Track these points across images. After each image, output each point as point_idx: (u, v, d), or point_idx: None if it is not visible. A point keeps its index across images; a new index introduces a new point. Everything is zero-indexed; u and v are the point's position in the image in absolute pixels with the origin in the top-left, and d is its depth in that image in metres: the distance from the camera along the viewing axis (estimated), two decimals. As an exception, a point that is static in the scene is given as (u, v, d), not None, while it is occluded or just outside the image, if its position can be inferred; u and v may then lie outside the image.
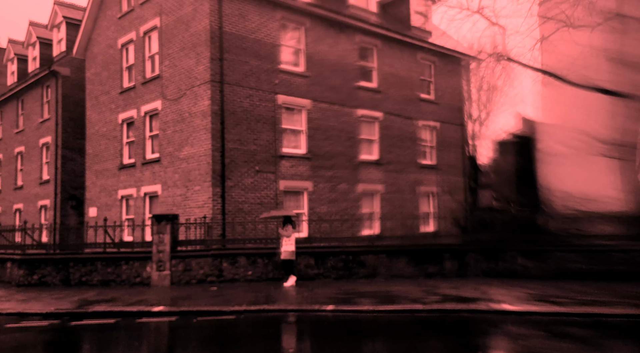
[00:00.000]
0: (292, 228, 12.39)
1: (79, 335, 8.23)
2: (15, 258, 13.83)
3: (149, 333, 8.27)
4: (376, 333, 7.89)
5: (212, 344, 7.66)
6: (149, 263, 13.08)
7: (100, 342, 7.96)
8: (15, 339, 7.93)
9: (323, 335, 7.78)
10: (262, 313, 9.14)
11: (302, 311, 9.12)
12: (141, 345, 7.70)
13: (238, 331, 8.23)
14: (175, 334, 8.18)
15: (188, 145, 15.35)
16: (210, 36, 14.61)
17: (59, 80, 22.10)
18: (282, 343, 7.56)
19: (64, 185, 22.07)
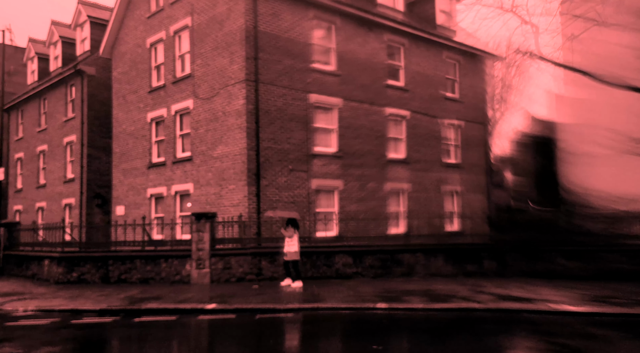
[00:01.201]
0: (294, 230, 12.38)
1: (155, 331, 8.22)
2: (54, 256, 13.94)
3: (224, 330, 8.23)
4: (448, 331, 7.77)
5: (298, 340, 7.67)
6: (189, 261, 13.16)
7: (184, 338, 7.92)
8: (96, 334, 8.02)
9: (397, 333, 7.69)
10: (317, 311, 9.17)
11: (356, 309, 9.15)
12: (233, 341, 7.64)
13: (309, 328, 8.18)
14: (250, 330, 8.11)
15: (222, 144, 15.41)
16: (246, 35, 14.66)
17: (85, 79, 22.20)
18: (365, 341, 7.35)
19: (90, 183, 22.18)
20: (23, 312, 9.88)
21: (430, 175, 20.26)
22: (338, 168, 17.00)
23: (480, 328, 7.86)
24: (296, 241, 12.30)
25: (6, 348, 6.90)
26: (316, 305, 9.50)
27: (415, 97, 19.74)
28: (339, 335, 7.82)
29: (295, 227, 12.41)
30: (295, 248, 12.27)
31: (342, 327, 8.20)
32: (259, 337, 7.70)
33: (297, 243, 12.29)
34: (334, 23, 17.01)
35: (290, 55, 15.67)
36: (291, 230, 12.35)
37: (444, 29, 21.44)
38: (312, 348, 6.96)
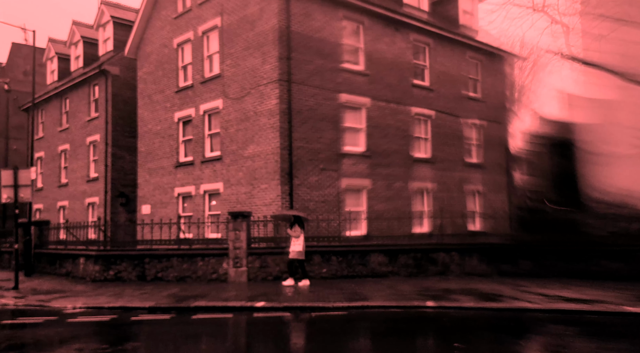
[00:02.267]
0: (300, 229, 12.45)
1: (224, 329, 8.29)
2: (90, 254, 14.09)
3: (291, 327, 8.28)
4: (519, 332, 7.61)
5: (373, 339, 7.64)
6: (225, 259, 13.27)
7: (263, 335, 7.89)
8: (165, 331, 8.12)
9: (470, 332, 7.61)
10: (365, 309, 9.25)
11: (405, 307, 9.22)
12: (314, 339, 7.63)
13: (374, 326, 8.18)
14: (317, 328, 8.14)
15: (253, 144, 15.51)
16: (279, 35, 14.75)
17: (109, 79, 22.35)
18: (439, 340, 7.36)
19: (114, 182, 22.34)
20: (72, 309, 10.00)
21: (453, 175, 20.31)
22: (366, 167, 17.09)
23: (552, 330, 7.59)
24: (302, 240, 12.37)
25: (91, 344, 7.03)
26: (363, 303, 9.58)
27: (440, 96, 19.80)
28: (409, 334, 7.67)
29: (301, 226, 12.50)
30: (300, 247, 12.33)
31: (405, 326, 8.13)
32: (330, 335, 7.63)
33: (302, 242, 12.36)
34: (362, 23, 17.09)
35: (321, 55, 15.76)
36: (298, 229, 12.45)
37: (466, 28, 21.49)
38: (396, 347, 6.81)
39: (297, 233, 12.43)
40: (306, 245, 13.72)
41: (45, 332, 8.00)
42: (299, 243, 12.37)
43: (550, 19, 15.32)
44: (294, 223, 12.52)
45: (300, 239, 12.38)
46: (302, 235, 12.41)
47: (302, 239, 12.38)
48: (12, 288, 12.61)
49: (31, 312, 9.79)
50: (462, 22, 21.53)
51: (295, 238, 12.42)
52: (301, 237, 12.39)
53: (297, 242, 12.39)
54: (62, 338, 7.53)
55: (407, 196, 18.41)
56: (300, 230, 12.44)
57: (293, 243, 12.42)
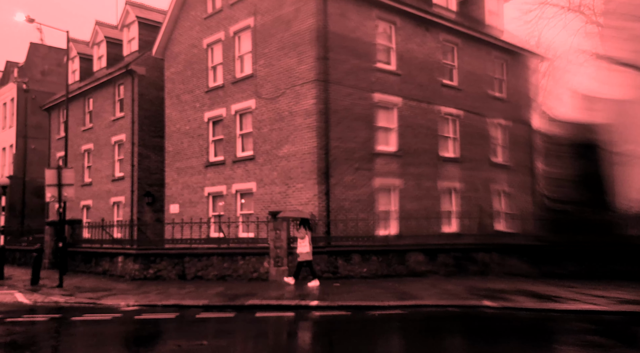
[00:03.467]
0: (306, 230, 12.56)
1: (295, 326, 8.35)
2: (130, 253, 14.20)
3: (364, 326, 8.22)
4: (614, 334, 7.44)
5: (451, 337, 7.61)
6: (266, 259, 13.35)
7: (340, 333, 7.89)
8: (241, 328, 8.21)
9: (560, 334, 7.39)
10: (420, 308, 9.28)
11: (462, 307, 9.24)
12: (397, 337, 7.55)
13: (446, 326, 8.18)
14: (390, 327, 8.11)
15: (288, 144, 15.58)
16: (316, 35, 14.81)
17: (135, 79, 22.48)
18: (531, 343, 7.22)
19: (140, 182, 22.47)
20: (126, 306, 10.09)
21: (480, 175, 20.32)
22: (397, 167, 17.13)
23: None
24: (307, 242, 12.45)
25: (182, 340, 7.13)
26: (416, 302, 9.63)
27: (468, 96, 19.82)
28: (489, 334, 7.51)
29: (307, 228, 12.60)
30: (306, 249, 12.43)
31: (478, 325, 8.01)
32: (406, 333, 7.56)
33: (308, 244, 12.44)
34: (394, 23, 17.13)
35: (356, 55, 15.82)
36: (303, 231, 12.56)
37: (492, 28, 21.50)
38: (491, 348, 6.73)
39: (302, 234, 12.56)
40: (345, 245, 13.83)
41: (124, 328, 8.14)
42: (305, 245, 12.50)
43: (586, 18, 15.31)
44: (301, 225, 12.68)
45: (306, 240, 12.49)
46: (307, 236, 12.53)
47: (307, 240, 12.49)
48: (57, 286, 12.72)
49: (87, 309, 9.88)
50: (487, 22, 21.55)
51: (300, 239, 12.56)
52: (306, 238, 12.51)
53: (303, 243, 12.52)
54: (149, 334, 7.69)
55: (436, 195, 18.44)
56: (306, 231, 12.57)
57: (299, 244, 12.55)
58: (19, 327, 8.27)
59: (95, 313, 9.22)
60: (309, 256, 12.46)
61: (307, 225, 12.65)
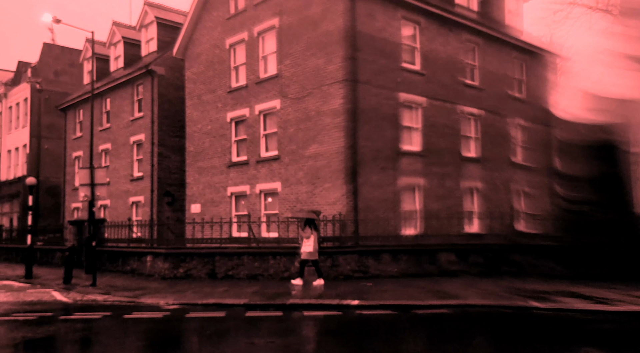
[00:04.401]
0: (311, 230, 12.61)
1: (355, 325, 8.32)
2: (160, 252, 14.26)
3: (417, 326, 8.20)
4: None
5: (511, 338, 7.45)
6: (297, 258, 13.36)
7: (398, 332, 7.84)
8: (304, 326, 8.28)
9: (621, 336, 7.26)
10: (469, 308, 9.21)
11: (510, 308, 9.11)
12: (467, 336, 7.54)
13: (502, 326, 8.07)
14: (449, 326, 8.08)
15: (315, 143, 15.61)
16: (344, 35, 14.86)
17: (155, 79, 22.55)
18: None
19: (160, 181, 22.54)
20: (166, 305, 10.12)
21: (501, 175, 20.33)
22: (421, 166, 17.16)
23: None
24: (312, 241, 12.49)
25: (253, 338, 7.12)
26: (459, 301, 9.62)
27: (489, 96, 19.84)
28: (559, 337, 7.33)
29: (313, 227, 12.66)
30: (310, 248, 12.47)
31: (540, 326, 7.83)
32: (472, 332, 7.49)
33: (313, 243, 12.47)
34: (419, 23, 17.17)
35: (383, 55, 15.86)
36: (308, 230, 12.61)
37: (511, 29, 21.52)
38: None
39: (307, 234, 12.61)
40: (375, 245, 13.86)
41: (186, 326, 8.17)
42: (309, 244, 12.52)
43: (613, 18, 15.31)
44: (306, 224, 12.74)
45: (311, 240, 12.54)
46: (313, 236, 12.59)
47: (312, 240, 12.54)
48: (91, 285, 12.77)
49: (129, 307, 9.91)
50: (507, 22, 21.57)
51: (306, 238, 12.60)
52: (312, 237, 12.56)
53: (308, 242, 12.55)
54: (215, 332, 7.74)
55: (459, 195, 18.47)
56: (311, 231, 12.64)
57: (304, 244, 12.59)
58: (79, 325, 8.32)
59: (143, 311, 9.26)
60: (313, 255, 12.53)
61: (312, 225, 12.76)
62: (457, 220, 17.18)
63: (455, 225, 16.89)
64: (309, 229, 12.61)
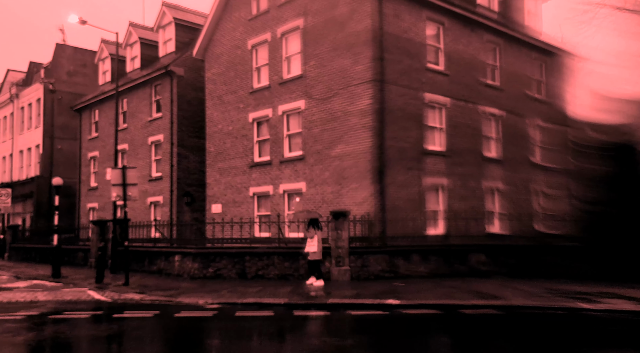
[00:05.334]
0: (315, 230, 12.69)
1: (397, 324, 8.35)
2: (189, 252, 14.31)
3: (470, 326, 8.14)
4: None
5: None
6: (327, 258, 13.40)
7: (454, 331, 7.87)
8: (362, 325, 8.27)
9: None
10: (514, 309, 9.12)
11: (558, 309, 9.04)
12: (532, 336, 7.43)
13: (566, 329, 7.97)
14: (508, 327, 7.98)
15: (342, 144, 15.66)
16: (372, 36, 14.90)
17: (174, 79, 22.62)
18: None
19: (179, 182, 22.61)
20: (205, 304, 10.15)
21: (520, 175, 20.34)
22: (445, 166, 17.19)
23: None
24: (316, 242, 12.56)
25: (323, 337, 7.19)
26: (502, 302, 9.54)
27: (509, 96, 19.85)
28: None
29: (316, 228, 12.73)
30: (314, 248, 12.54)
31: (603, 328, 7.80)
32: (542, 334, 7.38)
33: (316, 243, 12.55)
34: (443, 24, 17.20)
35: (409, 55, 15.91)
36: (312, 231, 12.69)
37: (530, 29, 21.53)
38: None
39: (311, 234, 12.70)
40: (404, 245, 13.89)
41: (246, 325, 8.23)
42: (313, 245, 12.60)
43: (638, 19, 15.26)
44: (310, 225, 12.82)
45: (315, 240, 12.61)
46: (317, 236, 12.66)
47: (316, 240, 12.61)
48: (123, 284, 12.83)
49: (170, 306, 9.94)
50: (526, 22, 21.58)
51: (310, 239, 12.68)
52: (315, 238, 12.63)
53: (312, 243, 12.63)
54: (280, 330, 7.87)
55: (480, 195, 18.49)
56: (315, 231, 12.71)
57: (308, 244, 12.67)
58: (136, 323, 8.39)
59: (190, 310, 9.31)
60: (317, 255, 12.61)
61: (316, 225, 12.84)
62: (480, 220, 17.22)
63: (478, 225, 16.92)
64: (313, 230, 12.73)
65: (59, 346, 7.02)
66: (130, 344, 7.23)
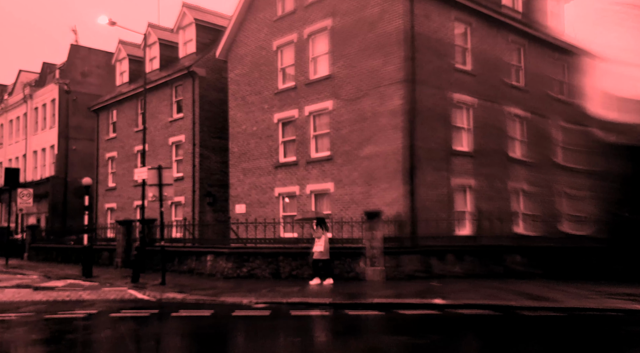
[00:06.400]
0: (322, 230, 12.77)
1: (469, 324, 8.35)
2: (222, 252, 14.36)
3: (526, 325, 8.05)
4: None
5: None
6: (362, 259, 13.44)
7: (520, 332, 7.84)
8: (424, 325, 8.29)
9: None
10: (575, 311, 9.00)
11: (622, 311, 8.96)
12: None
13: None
14: (565, 329, 7.90)
15: (371, 144, 15.70)
16: (403, 36, 14.95)
17: (196, 80, 22.71)
18: None
19: (201, 182, 22.69)
20: (250, 303, 10.19)
21: (545, 176, 20.33)
22: (472, 167, 17.22)
23: None
24: (323, 241, 12.64)
25: (402, 336, 7.16)
26: (556, 304, 9.40)
27: (533, 97, 19.86)
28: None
29: (324, 228, 12.81)
30: (321, 248, 12.63)
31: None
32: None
33: (324, 243, 12.63)
34: (470, 24, 17.24)
35: (438, 56, 15.95)
36: (319, 231, 12.76)
37: (553, 29, 21.53)
38: None
39: (318, 234, 12.76)
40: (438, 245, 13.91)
41: (306, 324, 8.31)
42: (320, 244, 12.68)
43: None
44: (317, 225, 12.89)
45: (322, 240, 12.68)
46: (324, 236, 12.74)
47: (323, 240, 12.68)
48: (160, 283, 12.89)
49: (219, 306, 9.95)
50: (549, 23, 21.58)
51: (317, 239, 12.75)
52: (322, 237, 12.71)
53: (319, 242, 12.70)
54: (350, 329, 7.92)
55: (506, 196, 18.49)
56: (322, 231, 12.78)
57: (316, 244, 12.75)
58: (200, 322, 8.45)
59: (241, 310, 9.37)
60: (325, 255, 12.68)
61: (323, 225, 12.91)
62: (506, 221, 17.22)
63: (504, 226, 16.92)
64: (320, 229, 12.79)
65: (159, 341, 7.21)
66: (240, 340, 7.38)
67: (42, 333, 7.56)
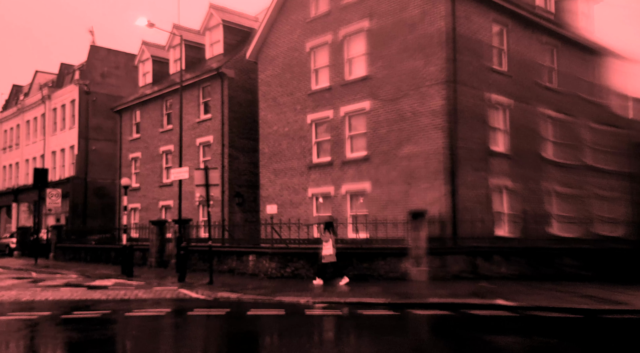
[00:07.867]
0: (330, 233, 12.88)
1: (546, 325, 8.26)
2: (265, 252, 14.44)
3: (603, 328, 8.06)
4: None
5: None
6: (405, 259, 13.47)
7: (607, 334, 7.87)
8: (496, 326, 8.29)
9: None
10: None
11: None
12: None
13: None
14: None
15: (411, 144, 15.73)
16: (445, 38, 14.99)
17: (225, 81, 22.81)
18: None
19: (230, 183, 22.78)
20: (309, 303, 10.23)
21: (576, 177, 20.29)
22: (508, 167, 17.23)
23: None
24: (331, 245, 12.74)
25: (537, 337, 7.18)
26: (631, 307, 9.40)
27: (564, 98, 19.85)
28: None
29: (331, 231, 12.91)
30: (330, 251, 12.74)
31: None
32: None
33: (331, 246, 12.73)
34: (507, 26, 17.27)
35: (478, 57, 16.00)
36: (327, 234, 12.87)
37: (583, 30, 21.51)
38: None
39: (326, 237, 12.85)
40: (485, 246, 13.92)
41: (384, 323, 8.33)
42: (328, 247, 12.77)
43: None
44: (326, 228, 12.98)
45: (330, 243, 12.77)
46: (331, 239, 12.84)
47: (331, 243, 12.78)
48: (207, 283, 12.97)
49: (275, 305, 10.02)
50: (579, 24, 21.57)
51: (325, 242, 12.84)
52: (330, 241, 12.80)
53: (327, 245, 12.78)
54: (434, 326, 8.01)
55: (540, 197, 18.48)
56: (330, 234, 12.86)
57: (324, 247, 12.84)
58: (282, 322, 8.53)
59: (310, 309, 9.45)
60: (333, 258, 12.78)
61: (330, 228, 13.00)
62: (540, 222, 17.21)
63: (538, 227, 16.90)
64: (328, 233, 12.90)
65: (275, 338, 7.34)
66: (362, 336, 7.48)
67: (140, 330, 7.58)
